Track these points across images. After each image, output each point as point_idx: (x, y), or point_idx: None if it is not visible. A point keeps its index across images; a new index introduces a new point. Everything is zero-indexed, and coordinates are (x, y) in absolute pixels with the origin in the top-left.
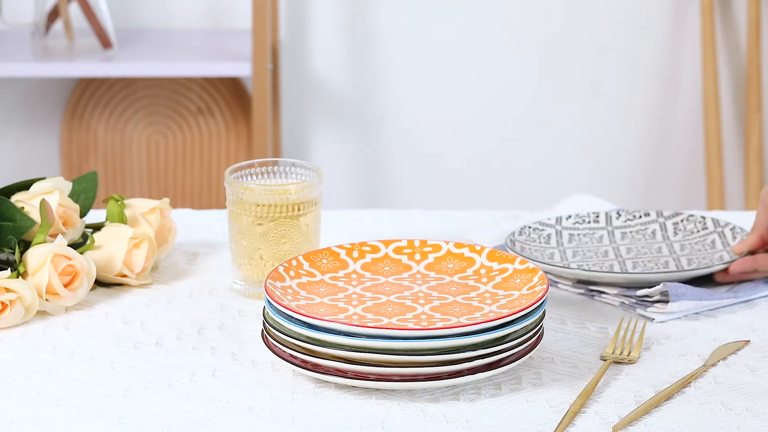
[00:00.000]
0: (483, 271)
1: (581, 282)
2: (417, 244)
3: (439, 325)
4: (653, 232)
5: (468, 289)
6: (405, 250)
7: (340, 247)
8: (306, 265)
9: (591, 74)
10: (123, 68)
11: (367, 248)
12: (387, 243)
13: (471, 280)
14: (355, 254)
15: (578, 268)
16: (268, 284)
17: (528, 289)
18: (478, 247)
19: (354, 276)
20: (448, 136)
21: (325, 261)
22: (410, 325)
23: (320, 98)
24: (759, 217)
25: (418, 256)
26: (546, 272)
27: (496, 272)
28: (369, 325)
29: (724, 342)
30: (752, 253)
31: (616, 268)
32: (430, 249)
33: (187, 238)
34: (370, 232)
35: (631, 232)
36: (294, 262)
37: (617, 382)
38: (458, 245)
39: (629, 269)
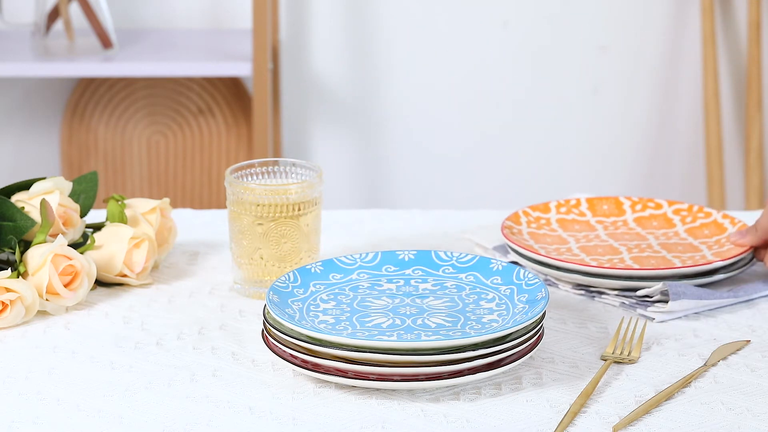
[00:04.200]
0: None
1: (581, 285)
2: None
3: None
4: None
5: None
6: None
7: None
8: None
9: (592, 74)
10: (123, 68)
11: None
12: None
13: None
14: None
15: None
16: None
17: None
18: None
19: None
20: (449, 136)
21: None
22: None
23: (320, 98)
24: (764, 220)
25: None
26: (546, 274)
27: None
28: None
29: (724, 342)
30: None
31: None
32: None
33: (188, 238)
34: (370, 232)
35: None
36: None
37: (617, 381)
38: None
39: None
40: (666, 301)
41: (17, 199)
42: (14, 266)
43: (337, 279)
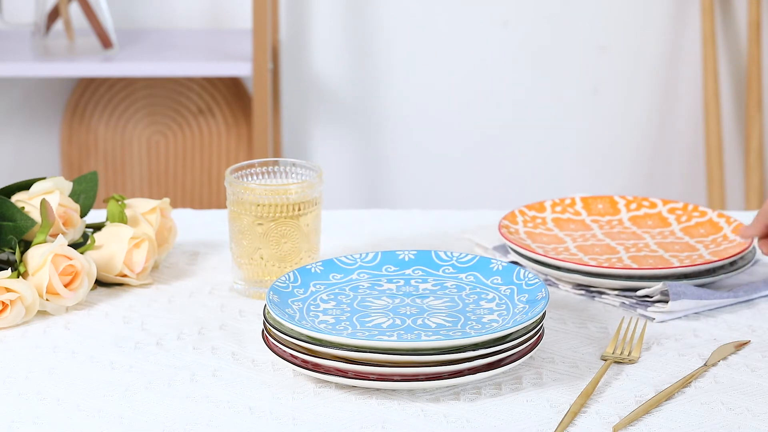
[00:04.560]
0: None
1: (581, 285)
2: None
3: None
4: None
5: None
6: None
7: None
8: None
9: (591, 74)
10: (123, 68)
11: None
12: None
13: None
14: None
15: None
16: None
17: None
18: None
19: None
20: (449, 136)
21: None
22: None
23: (320, 98)
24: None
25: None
26: (546, 274)
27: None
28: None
29: (724, 342)
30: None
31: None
32: None
33: (188, 238)
34: (370, 232)
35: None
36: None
37: (618, 382)
38: None
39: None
40: (666, 301)
41: (17, 199)
42: (14, 266)
43: (338, 279)
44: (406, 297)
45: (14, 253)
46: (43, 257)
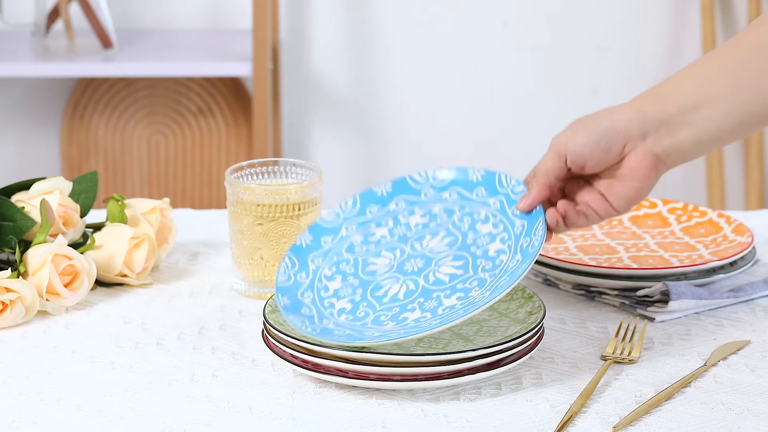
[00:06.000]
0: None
1: (581, 285)
2: None
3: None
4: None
5: None
6: None
7: None
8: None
9: (591, 74)
10: (123, 68)
11: None
12: None
13: None
14: None
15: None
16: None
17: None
18: None
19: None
20: (448, 136)
21: None
22: None
23: (320, 98)
24: (547, 163)
25: None
26: (545, 274)
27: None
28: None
29: (724, 342)
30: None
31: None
32: None
33: (188, 238)
34: None
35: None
36: None
37: (618, 382)
38: None
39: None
40: (666, 301)
41: (17, 199)
42: (14, 266)
43: (329, 242)
44: (403, 243)
45: (14, 253)
46: (43, 257)
